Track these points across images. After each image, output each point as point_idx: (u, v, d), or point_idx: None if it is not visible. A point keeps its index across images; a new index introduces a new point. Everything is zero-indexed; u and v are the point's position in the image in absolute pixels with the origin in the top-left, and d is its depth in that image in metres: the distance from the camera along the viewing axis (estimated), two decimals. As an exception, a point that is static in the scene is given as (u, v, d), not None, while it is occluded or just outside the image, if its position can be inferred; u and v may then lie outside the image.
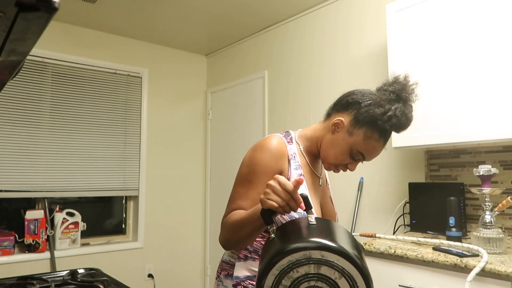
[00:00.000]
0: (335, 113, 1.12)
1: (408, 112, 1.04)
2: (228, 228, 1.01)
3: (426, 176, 2.19)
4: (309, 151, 1.17)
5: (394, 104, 1.03)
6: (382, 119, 1.02)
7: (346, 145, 1.06)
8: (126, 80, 3.49)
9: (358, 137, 1.05)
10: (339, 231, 0.80)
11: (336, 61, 2.74)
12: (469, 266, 1.42)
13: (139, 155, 3.52)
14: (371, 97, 1.07)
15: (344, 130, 1.07)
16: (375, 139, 1.05)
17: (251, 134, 3.40)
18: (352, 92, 1.12)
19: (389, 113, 1.01)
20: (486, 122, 1.71)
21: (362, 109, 1.05)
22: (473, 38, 1.78)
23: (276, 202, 0.82)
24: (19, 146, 2.93)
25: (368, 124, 1.04)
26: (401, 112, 1.02)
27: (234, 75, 3.69)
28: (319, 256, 0.73)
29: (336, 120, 1.08)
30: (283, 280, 0.74)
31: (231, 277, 1.11)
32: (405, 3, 2.03)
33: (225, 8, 2.96)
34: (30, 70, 3.02)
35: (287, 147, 1.11)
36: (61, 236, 3.03)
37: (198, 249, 3.84)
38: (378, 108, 1.03)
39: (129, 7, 2.94)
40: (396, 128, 1.04)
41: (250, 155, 1.10)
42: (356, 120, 1.06)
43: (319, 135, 1.14)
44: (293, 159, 1.10)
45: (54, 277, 1.35)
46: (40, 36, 0.45)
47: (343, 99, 1.12)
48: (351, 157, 1.08)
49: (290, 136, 1.17)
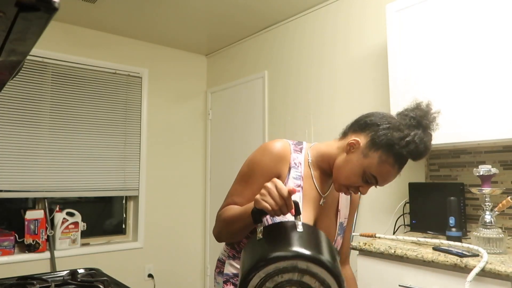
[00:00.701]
0: (351, 133, 1.09)
1: (427, 140, 1.01)
2: (221, 222, 1.07)
3: (426, 176, 2.19)
4: (319, 165, 1.13)
5: (414, 130, 1.00)
6: (400, 144, 0.99)
7: (359, 167, 1.03)
8: (126, 80, 3.50)
9: (373, 160, 1.02)
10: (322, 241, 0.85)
11: (336, 61, 2.74)
12: (469, 266, 1.42)
13: (139, 155, 3.52)
14: (390, 120, 1.04)
15: (359, 151, 1.04)
16: (389, 164, 1.01)
17: (251, 134, 3.40)
18: (372, 114, 1.09)
19: (408, 139, 0.99)
20: (486, 122, 1.71)
21: (380, 132, 1.02)
22: (473, 38, 1.78)
23: (270, 205, 0.86)
24: (19, 146, 2.93)
25: (385, 147, 1.01)
26: (419, 139, 0.99)
27: (234, 75, 3.69)
28: (305, 267, 0.78)
29: (352, 141, 1.05)
30: (267, 282, 0.79)
31: (222, 274, 1.16)
32: (405, 3, 2.03)
33: (225, 8, 2.96)
34: (30, 70, 3.02)
35: (291, 154, 1.10)
36: (61, 236, 3.03)
37: (198, 249, 3.84)
38: (397, 132, 1.00)
39: (129, 7, 2.94)
40: (412, 155, 1.01)
41: (252, 156, 1.12)
42: (373, 143, 1.02)
43: (333, 152, 1.11)
44: (295, 167, 1.09)
45: (54, 277, 1.35)
46: (40, 36, 0.45)
47: (362, 119, 1.09)
48: (364, 180, 1.04)
49: (301, 146, 1.15)
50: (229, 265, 1.14)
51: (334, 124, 2.71)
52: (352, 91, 2.61)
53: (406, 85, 2.00)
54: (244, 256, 0.86)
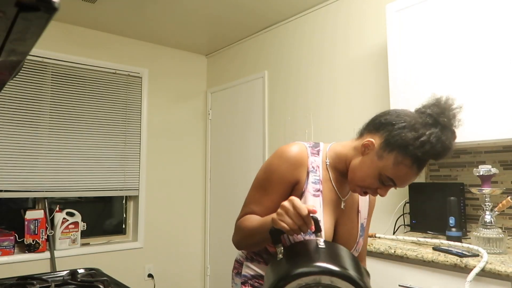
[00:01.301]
0: (367, 133, 1.05)
1: (446, 138, 0.95)
2: (240, 232, 1.06)
3: (426, 176, 2.19)
4: (336, 167, 1.10)
5: (430, 129, 0.94)
6: (414, 145, 0.94)
7: (374, 169, 0.99)
8: (126, 80, 3.50)
9: (388, 161, 0.97)
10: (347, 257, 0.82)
11: (336, 61, 2.74)
12: (469, 266, 1.42)
13: (139, 155, 3.52)
14: (406, 119, 0.98)
15: (374, 152, 1.00)
16: (406, 165, 0.96)
17: (251, 134, 3.40)
18: (387, 112, 1.03)
19: (422, 139, 0.93)
20: (486, 122, 1.71)
21: (394, 132, 0.97)
22: (473, 38, 1.78)
23: (288, 225, 0.84)
24: (19, 146, 2.93)
25: (399, 148, 0.96)
26: (436, 138, 0.93)
27: (234, 75, 3.69)
28: (329, 282, 0.75)
29: (367, 142, 1.01)
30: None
31: (240, 275, 1.15)
32: (405, 3, 2.03)
33: (225, 8, 2.96)
34: (30, 70, 3.02)
35: (309, 158, 1.06)
36: (61, 236, 3.03)
37: (198, 249, 3.84)
38: (411, 132, 0.94)
39: (129, 7, 2.94)
40: (429, 156, 0.95)
41: (268, 161, 1.08)
42: (387, 143, 0.98)
43: (349, 154, 1.07)
44: (314, 172, 1.06)
45: (54, 277, 1.35)
46: (40, 36, 0.45)
47: (377, 119, 1.04)
48: (380, 182, 1.00)
49: (318, 148, 1.11)
50: (247, 267, 1.13)
51: (334, 124, 2.71)
52: (352, 91, 2.61)
53: (406, 85, 2.00)
54: (266, 276, 0.84)
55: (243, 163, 3.46)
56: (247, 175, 3.40)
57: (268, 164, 1.08)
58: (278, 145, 3.13)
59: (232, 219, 3.53)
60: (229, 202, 3.58)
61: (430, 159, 0.97)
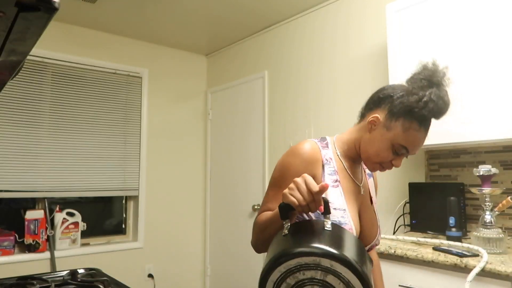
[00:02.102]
0: (368, 112, 1.09)
1: (444, 95, 1.01)
2: (255, 229, 1.04)
3: (426, 176, 2.19)
4: (347, 155, 1.12)
5: (428, 89, 1.00)
6: (418, 106, 0.99)
7: (386, 141, 1.03)
8: (126, 80, 3.50)
9: (397, 130, 1.01)
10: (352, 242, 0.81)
11: (336, 61, 2.74)
12: (469, 266, 1.42)
13: (139, 155, 3.52)
14: (402, 87, 1.05)
15: (381, 126, 1.04)
16: (415, 129, 1.01)
17: (251, 134, 3.40)
18: (383, 88, 1.09)
19: (425, 99, 0.99)
20: (486, 122, 1.71)
21: (396, 101, 1.03)
22: (473, 38, 1.78)
23: (297, 200, 0.83)
24: (19, 146, 2.93)
25: (405, 114, 1.01)
26: (436, 96, 0.99)
27: (234, 75, 3.69)
28: (328, 265, 0.74)
29: (372, 118, 1.05)
30: (288, 278, 0.76)
31: None
32: (405, 3, 2.03)
33: (225, 9, 2.96)
34: (30, 70, 3.02)
35: (321, 152, 1.07)
36: (61, 236, 3.03)
37: (198, 249, 3.84)
38: (412, 96, 1.00)
39: (129, 7, 2.94)
40: (434, 114, 1.01)
41: (282, 160, 1.08)
42: (392, 113, 1.02)
43: (356, 136, 1.10)
44: (328, 164, 1.07)
45: (54, 277, 1.35)
46: (40, 36, 0.45)
47: (374, 96, 1.09)
48: (394, 153, 1.04)
49: (326, 141, 1.13)
50: None
51: (334, 124, 2.71)
52: (352, 91, 2.61)
53: (406, 85, 1.99)
54: (269, 249, 0.84)
55: (243, 163, 3.46)
56: (247, 175, 3.40)
57: (282, 162, 1.07)
58: (278, 145, 3.13)
59: (232, 219, 3.53)
60: (229, 202, 3.58)
61: (433, 118, 1.03)
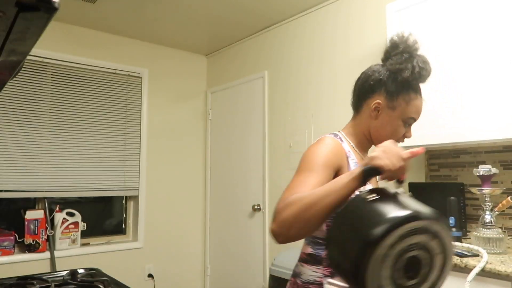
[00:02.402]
0: (364, 101, 1.12)
1: (424, 59, 1.07)
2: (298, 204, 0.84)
3: (426, 176, 2.19)
4: (362, 147, 1.16)
5: (413, 60, 1.05)
6: (414, 77, 1.05)
7: (396, 119, 1.07)
8: (126, 80, 3.50)
9: (401, 106, 1.07)
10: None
11: (336, 61, 2.74)
12: (469, 266, 1.42)
13: (139, 155, 3.52)
14: (387, 68, 1.09)
15: (385, 108, 1.08)
16: (414, 98, 1.07)
17: (251, 134, 3.40)
18: (366, 76, 1.14)
19: (417, 69, 1.04)
20: (486, 122, 1.71)
21: (389, 82, 1.07)
22: (473, 38, 1.78)
23: (390, 164, 0.79)
24: (19, 146, 2.93)
25: (402, 89, 1.06)
26: (422, 62, 1.05)
27: (234, 75, 3.69)
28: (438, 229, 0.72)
29: (375, 104, 1.08)
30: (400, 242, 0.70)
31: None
32: (405, 3, 2.03)
33: (225, 8, 2.96)
34: (30, 70, 3.02)
35: (342, 144, 1.09)
36: (61, 236, 3.03)
37: (198, 249, 3.84)
38: (404, 72, 1.04)
39: (129, 7, 2.94)
40: (427, 78, 1.07)
41: (310, 151, 1.04)
42: (391, 94, 1.07)
43: (363, 127, 1.13)
44: (350, 155, 1.08)
45: (54, 277, 1.35)
46: (40, 36, 0.45)
47: (364, 86, 1.13)
48: (406, 126, 1.09)
49: (339, 136, 1.15)
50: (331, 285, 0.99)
51: (334, 124, 2.71)
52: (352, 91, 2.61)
53: (406, 85, 2.00)
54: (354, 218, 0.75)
55: (243, 163, 3.46)
56: (247, 175, 3.40)
57: (310, 153, 1.03)
58: (278, 145, 3.13)
59: (232, 219, 3.53)
60: (229, 202, 3.58)
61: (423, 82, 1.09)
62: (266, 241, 3.15)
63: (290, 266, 2.56)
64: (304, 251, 1.09)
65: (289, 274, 2.54)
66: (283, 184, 3.04)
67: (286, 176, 3.03)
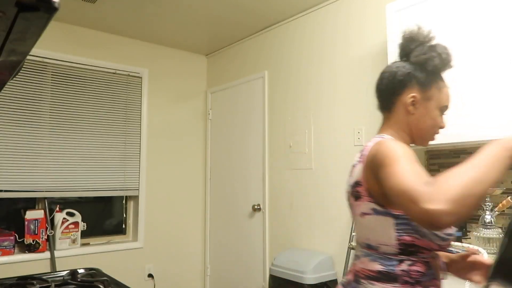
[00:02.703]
0: (396, 98, 1.09)
1: (444, 45, 1.08)
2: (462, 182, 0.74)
3: (426, 176, 2.19)
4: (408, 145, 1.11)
5: (436, 48, 1.06)
6: (443, 64, 1.06)
7: (434, 110, 1.07)
8: (126, 80, 3.50)
9: (435, 95, 1.07)
10: None
11: (336, 61, 2.74)
12: (469, 266, 1.41)
13: (139, 155, 3.52)
14: (412, 61, 1.08)
15: (422, 100, 1.07)
16: (443, 85, 1.08)
17: (251, 134, 3.40)
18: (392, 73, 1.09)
19: (444, 56, 1.05)
20: (486, 122, 1.71)
21: (418, 74, 1.06)
22: (473, 38, 1.78)
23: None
24: (19, 146, 2.93)
25: (433, 78, 1.06)
26: (443, 49, 1.06)
27: (234, 75, 3.69)
28: None
29: (411, 99, 1.06)
30: None
31: None
32: (405, 3, 2.03)
33: (225, 9, 2.96)
34: (30, 70, 3.02)
35: None
36: (61, 236, 3.03)
37: (198, 249, 3.84)
38: (433, 60, 1.05)
39: (129, 7, 2.94)
40: (451, 63, 1.08)
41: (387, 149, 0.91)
42: (423, 85, 1.06)
43: (402, 125, 1.09)
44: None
45: (54, 277, 1.35)
46: (40, 36, 0.45)
47: (392, 83, 1.08)
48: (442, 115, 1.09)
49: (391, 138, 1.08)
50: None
51: (334, 124, 2.71)
52: (352, 91, 2.61)
53: (406, 85, 2.00)
54: None
55: (243, 163, 3.46)
56: (247, 175, 3.40)
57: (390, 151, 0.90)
58: (278, 145, 3.13)
59: (232, 219, 3.53)
60: (229, 202, 3.58)
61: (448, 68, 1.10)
62: (266, 241, 3.15)
63: (290, 266, 2.56)
64: (368, 268, 1.00)
65: (289, 274, 2.53)
66: (283, 184, 3.05)
67: (286, 176, 3.03)
